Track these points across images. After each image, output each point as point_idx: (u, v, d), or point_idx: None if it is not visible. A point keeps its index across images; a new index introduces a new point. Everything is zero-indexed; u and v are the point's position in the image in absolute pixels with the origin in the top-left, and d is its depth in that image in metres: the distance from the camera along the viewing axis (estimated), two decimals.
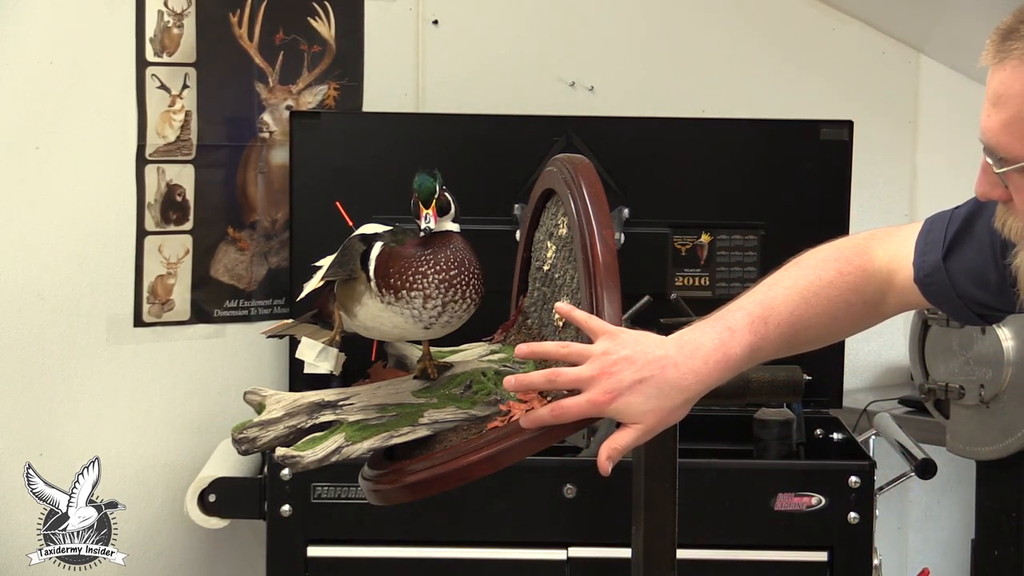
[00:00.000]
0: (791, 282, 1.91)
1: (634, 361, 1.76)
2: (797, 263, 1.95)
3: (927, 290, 1.90)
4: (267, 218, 3.65)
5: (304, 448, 1.84)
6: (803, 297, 1.89)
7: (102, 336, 3.47)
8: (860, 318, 1.95)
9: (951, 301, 1.90)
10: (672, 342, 1.81)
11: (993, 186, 1.64)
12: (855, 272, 1.93)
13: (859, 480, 3.09)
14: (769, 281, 1.92)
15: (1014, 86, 1.56)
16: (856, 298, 1.92)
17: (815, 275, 1.92)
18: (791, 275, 1.93)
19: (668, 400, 1.77)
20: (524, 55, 3.86)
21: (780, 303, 1.88)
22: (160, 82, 3.48)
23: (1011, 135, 1.57)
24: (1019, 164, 1.57)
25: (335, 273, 1.95)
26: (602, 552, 3.12)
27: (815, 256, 1.96)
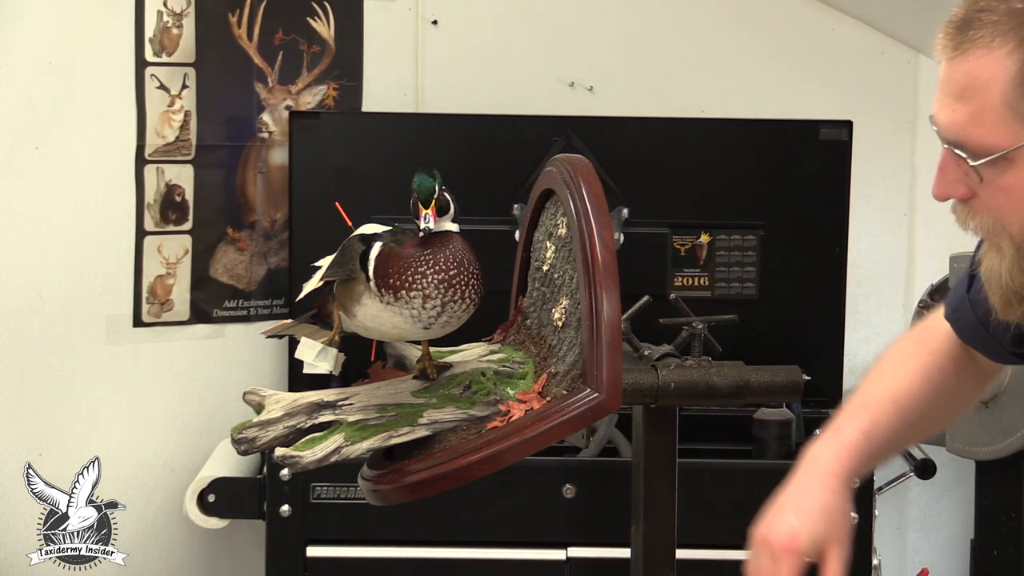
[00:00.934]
0: (878, 372, 1.97)
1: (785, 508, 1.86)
2: (880, 370, 1.99)
3: (956, 326, 1.90)
4: (266, 218, 3.65)
5: (303, 448, 1.84)
6: (892, 372, 1.96)
7: (102, 336, 3.48)
8: (959, 378, 1.96)
9: (979, 335, 1.87)
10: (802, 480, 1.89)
11: (955, 184, 1.61)
12: (929, 334, 1.97)
13: (858, 480, 3.07)
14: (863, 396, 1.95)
15: (982, 75, 1.53)
16: (943, 360, 1.94)
17: (897, 356, 1.98)
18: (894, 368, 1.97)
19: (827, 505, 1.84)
20: (523, 55, 3.86)
21: (872, 389, 1.94)
22: (159, 82, 3.48)
23: (983, 126, 1.54)
24: (997, 154, 1.54)
25: (334, 273, 1.95)
26: (601, 552, 3.13)
27: (896, 355, 2.00)
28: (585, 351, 1.83)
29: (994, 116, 1.53)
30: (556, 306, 1.97)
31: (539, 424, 1.84)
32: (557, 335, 1.94)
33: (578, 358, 1.86)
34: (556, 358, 1.92)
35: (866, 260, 3.95)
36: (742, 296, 3.60)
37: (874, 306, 4.02)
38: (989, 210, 1.60)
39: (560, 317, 1.94)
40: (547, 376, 1.91)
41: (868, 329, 4.02)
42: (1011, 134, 1.53)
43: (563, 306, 1.95)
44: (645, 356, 2.33)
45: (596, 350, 1.81)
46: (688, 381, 2.22)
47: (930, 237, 3.93)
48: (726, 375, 2.25)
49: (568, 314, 1.93)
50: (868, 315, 4.00)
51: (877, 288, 3.99)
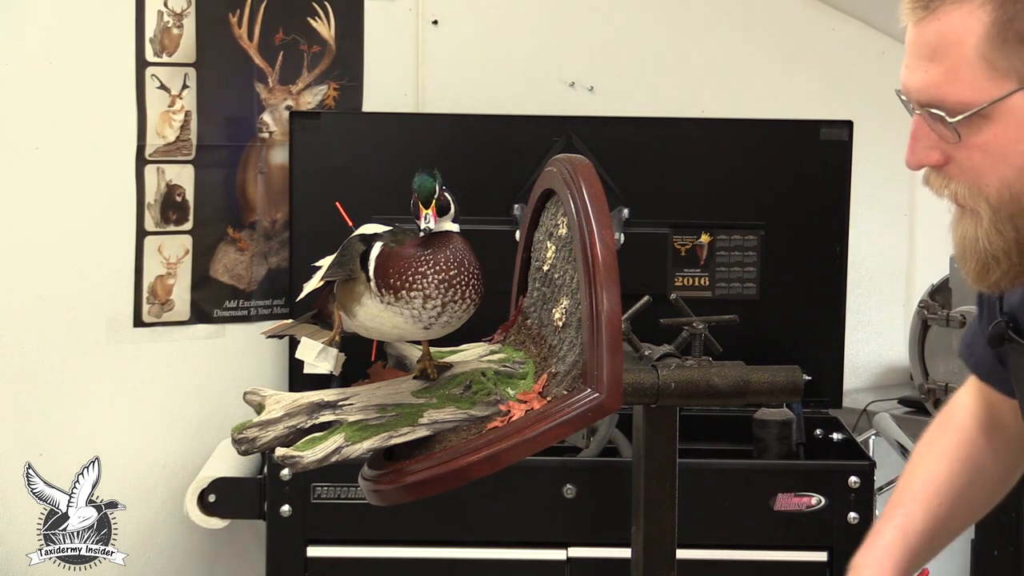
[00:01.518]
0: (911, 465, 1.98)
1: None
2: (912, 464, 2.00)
3: (970, 361, 1.89)
4: (267, 218, 3.66)
5: (304, 448, 1.83)
6: (921, 462, 1.96)
7: (102, 336, 3.48)
8: (993, 451, 1.96)
9: (994, 369, 1.86)
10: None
11: (930, 150, 1.59)
12: (952, 413, 1.96)
13: (859, 480, 3.10)
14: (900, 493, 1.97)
15: (952, 33, 1.51)
16: (971, 434, 1.94)
17: (927, 444, 1.98)
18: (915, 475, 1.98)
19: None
20: (524, 55, 3.86)
21: (906, 484, 1.96)
22: (160, 82, 3.48)
23: (959, 82, 1.51)
24: (975, 108, 1.51)
25: (335, 273, 1.94)
26: (602, 552, 3.13)
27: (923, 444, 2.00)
28: (585, 351, 1.82)
29: (970, 71, 1.50)
30: (556, 306, 1.96)
31: (539, 424, 1.82)
32: (557, 335, 1.93)
33: (578, 358, 1.85)
34: (556, 358, 1.91)
35: (866, 260, 3.96)
36: (742, 296, 3.60)
37: (874, 306, 4.03)
38: (965, 173, 1.57)
39: (560, 317, 1.93)
40: (547, 376, 1.90)
41: (868, 329, 4.04)
42: (988, 88, 1.50)
43: (563, 306, 1.93)
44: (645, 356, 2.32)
45: (596, 350, 1.79)
46: (689, 381, 2.21)
47: (930, 237, 3.93)
48: (727, 375, 2.23)
49: (568, 314, 1.91)
50: (868, 315, 4.01)
51: (877, 288, 4.00)
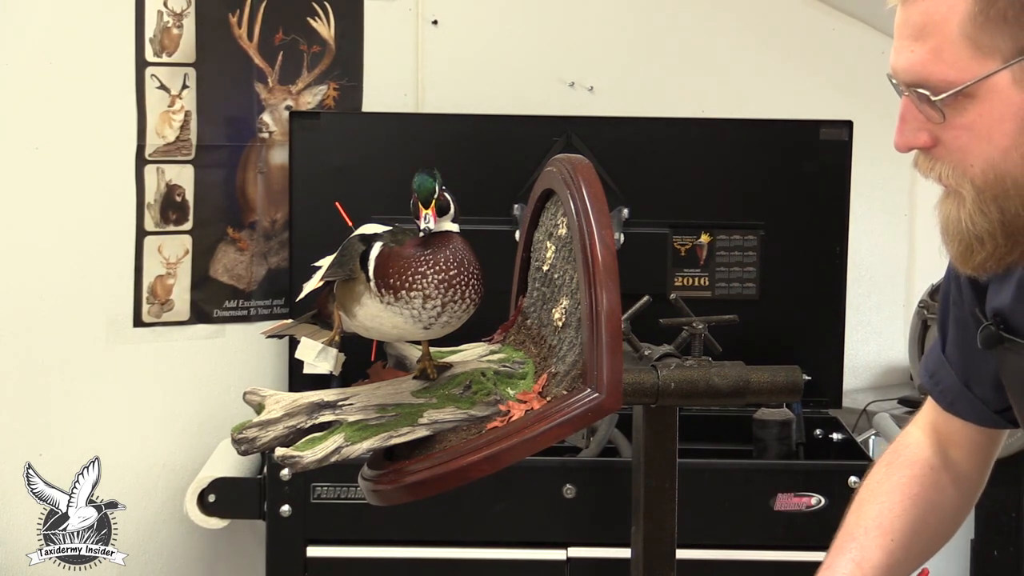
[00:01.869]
0: (859, 501, 1.96)
1: None
2: (860, 500, 1.97)
3: (935, 391, 1.89)
4: (267, 218, 3.66)
5: (304, 448, 1.83)
6: (872, 498, 1.94)
7: (102, 336, 3.48)
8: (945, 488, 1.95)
9: (962, 396, 1.86)
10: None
11: (918, 132, 1.59)
12: (901, 451, 1.96)
13: (859, 480, 3.02)
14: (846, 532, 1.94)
15: (937, 13, 1.51)
16: (920, 470, 1.93)
17: (873, 482, 1.96)
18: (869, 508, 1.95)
19: None
20: (524, 55, 3.86)
21: (857, 520, 1.93)
22: (160, 82, 3.48)
23: (944, 62, 1.52)
24: (958, 88, 1.52)
25: (334, 273, 1.93)
26: (602, 552, 3.13)
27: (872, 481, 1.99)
28: (585, 351, 1.82)
29: (953, 50, 1.51)
30: (556, 306, 1.95)
31: (539, 424, 1.82)
32: (557, 335, 1.93)
33: (578, 358, 1.85)
34: (556, 358, 1.90)
35: (866, 260, 3.96)
36: (742, 296, 3.60)
37: (874, 306, 4.02)
38: (951, 153, 1.57)
39: (560, 317, 1.93)
40: (547, 376, 1.90)
41: (868, 329, 4.04)
42: (972, 67, 1.51)
43: (563, 306, 1.93)
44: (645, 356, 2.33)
45: (596, 350, 1.79)
46: (688, 381, 2.22)
47: (930, 237, 3.88)
48: (726, 375, 2.24)
49: (568, 314, 1.91)
50: (868, 315, 4.01)
51: (877, 288, 4.00)
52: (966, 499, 1.99)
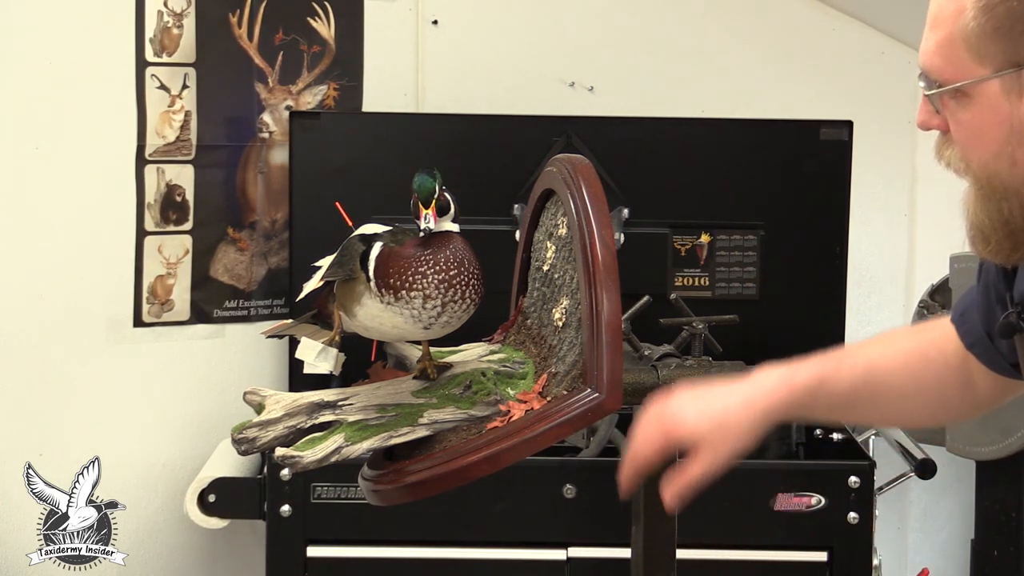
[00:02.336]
0: (866, 340, 1.96)
1: (679, 399, 1.85)
2: (873, 339, 1.98)
3: (961, 329, 1.89)
4: (267, 218, 3.65)
5: (304, 448, 1.85)
6: (878, 343, 1.93)
7: (102, 336, 3.48)
8: (944, 382, 1.92)
9: (983, 342, 1.86)
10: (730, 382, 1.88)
11: (931, 115, 1.62)
12: (937, 328, 1.94)
13: (859, 480, 3.09)
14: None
15: (948, 7, 1.55)
16: (936, 353, 1.91)
17: (895, 329, 1.97)
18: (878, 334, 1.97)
19: (721, 411, 1.83)
20: (524, 55, 3.84)
21: (853, 348, 1.94)
22: (160, 82, 3.48)
23: (943, 57, 1.56)
24: (949, 87, 1.56)
25: (335, 273, 1.95)
26: (602, 552, 3.12)
27: (893, 331, 2.00)
28: (585, 351, 1.83)
29: (954, 48, 1.55)
30: (556, 306, 1.97)
31: (539, 424, 1.84)
32: (557, 335, 1.94)
33: (578, 358, 1.86)
34: (556, 358, 1.92)
35: (866, 260, 3.95)
36: (742, 296, 3.59)
37: (874, 306, 4.01)
38: (957, 144, 1.61)
39: (560, 317, 1.94)
40: (547, 376, 1.91)
41: (868, 329, 4.00)
42: (968, 68, 1.55)
43: (563, 306, 1.95)
44: (645, 356, 2.33)
45: (596, 350, 1.81)
46: (688, 381, 2.18)
47: (930, 237, 3.92)
48: (727, 375, 2.23)
49: (568, 314, 1.93)
50: (868, 315, 4.00)
51: (877, 288, 3.99)
52: (963, 408, 1.99)
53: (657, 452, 1.84)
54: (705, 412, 1.83)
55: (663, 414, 1.84)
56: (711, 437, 1.82)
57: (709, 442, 1.82)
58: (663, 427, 1.83)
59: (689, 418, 1.82)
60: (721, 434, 1.82)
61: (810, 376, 1.87)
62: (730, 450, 1.83)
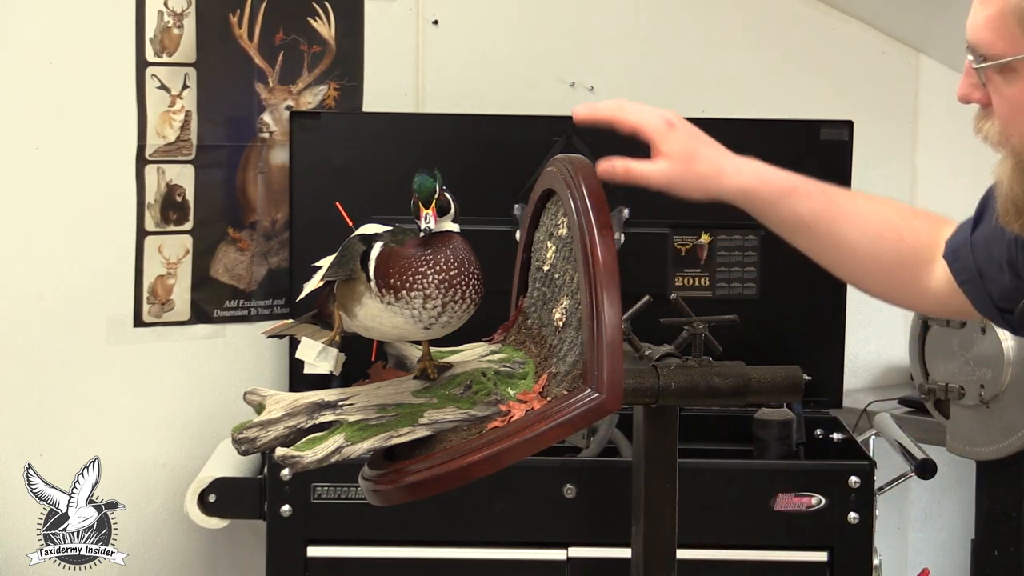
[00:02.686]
0: (870, 195, 1.99)
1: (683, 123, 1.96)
2: (857, 192, 2.02)
3: (953, 267, 1.90)
4: (267, 218, 3.65)
5: (304, 448, 1.84)
6: (866, 199, 1.96)
7: (102, 336, 3.47)
8: (901, 266, 1.95)
9: (974, 283, 1.88)
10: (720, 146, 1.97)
11: (974, 88, 1.65)
12: (926, 221, 1.96)
13: (859, 480, 3.09)
14: None
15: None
16: (912, 239, 1.93)
17: (891, 200, 1.99)
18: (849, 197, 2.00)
19: (703, 149, 1.93)
20: (524, 55, 3.85)
21: (844, 191, 1.98)
22: (160, 82, 3.48)
23: (993, 31, 1.58)
24: (997, 61, 1.58)
25: (335, 273, 1.94)
26: (602, 552, 3.12)
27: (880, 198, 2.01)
28: (586, 351, 1.83)
29: (1005, 23, 1.57)
30: (557, 306, 1.96)
31: (540, 424, 1.83)
32: (558, 335, 1.93)
33: (579, 358, 1.85)
34: (557, 358, 1.91)
35: None
36: (743, 296, 3.60)
37: (875, 306, 3.90)
38: (999, 118, 1.63)
39: (561, 317, 1.94)
40: (548, 376, 1.91)
41: (869, 329, 4.04)
42: (1019, 43, 1.57)
43: (564, 306, 1.94)
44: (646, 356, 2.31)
45: (597, 350, 1.80)
46: (689, 381, 2.21)
47: None
48: (727, 375, 2.23)
49: (569, 314, 1.92)
50: (869, 315, 4.00)
51: None
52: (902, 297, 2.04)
53: (639, 116, 1.93)
54: (691, 137, 1.93)
55: (669, 114, 1.93)
56: (677, 157, 1.91)
57: (671, 156, 1.91)
58: (660, 112, 1.93)
59: (679, 129, 1.92)
60: (684, 164, 1.92)
61: (784, 183, 1.96)
62: (679, 181, 1.93)
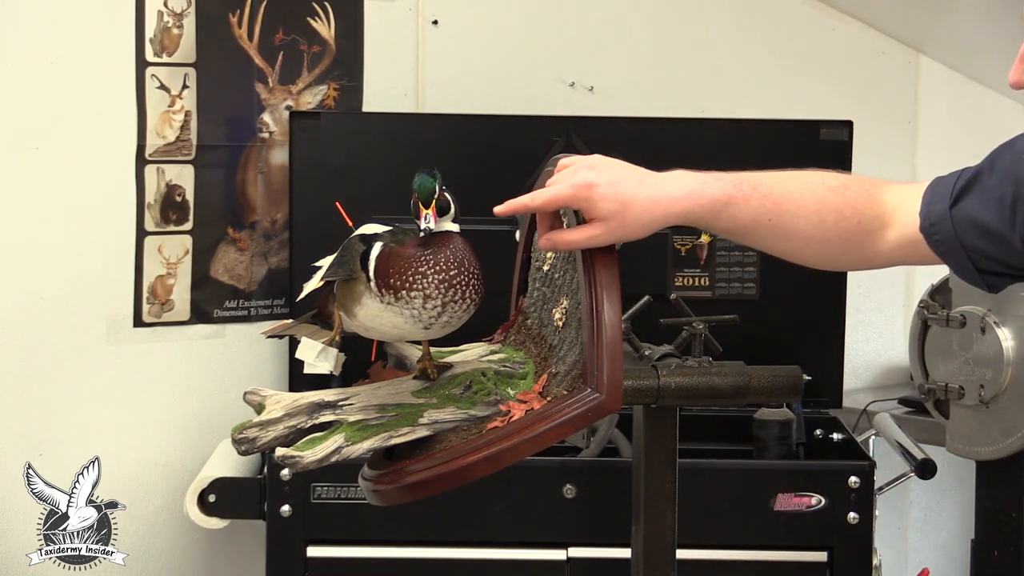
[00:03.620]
0: (791, 172, 1.97)
1: (596, 166, 1.87)
2: (796, 174, 1.99)
3: (932, 239, 1.89)
4: (267, 218, 3.65)
5: (304, 448, 1.84)
6: (798, 185, 1.93)
7: (102, 336, 3.47)
8: (849, 240, 1.93)
9: (954, 251, 1.88)
10: (649, 171, 1.91)
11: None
12: (860, 191, 1.94)
13: (859, 480, 3.09)
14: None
15: None
16: (851, 213, 1.92)
17: (818, 175, 1.96)
18: (794, 171, 1.98)
19: (630, 195, 1.85)
20: (524, 55, 3.85)
21: (774, 179, 1.95)
22: (160, 82, 3.47)
23: None
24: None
25: (335, 273, 1.94)
26: (602, 552, 3.11)
27: (827, 171, 1.99)
28: (586, 351, 1.83)
29: None
30: (556, 306, 1.97)
31: (540, 424, 1.83)
32: (558, 335, 1.94)
33: (579, 358, 1.85)
34: (556, 358, 1.91)
35: None
36: (742, 296, 3.59)
37: (875, 306, 4.02)
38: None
39: (561, 317, 1.94)
40: (547, 376, 1.91)
41: (869, 329, 4.04)
42: None
43: (563, 306, 1.94)
44: (646, 356, 2.33)
45: (597, 350, 1.80)
46: (689, 381, 2.21)
47: None
48: (726, 375, 2.23)
49: (568, 314, 1.92)
50: (869, 315, 4.01)
51: (878, 288, 3.99)
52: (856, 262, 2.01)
53: (554, 204, 1.87)
54: (616, 191, 1.85)
55: (577, 172, 1.86)
56: (611, 217, 1.84)
57: (605, 220, 1.84)
58: (573, 184, 1.85)
59: (600, 191, 1.84)
60: (620, 218, 1.84)
61: (719, 195, 1.91)
62: (620, 236, 1.85)
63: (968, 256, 1.87)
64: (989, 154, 1.88)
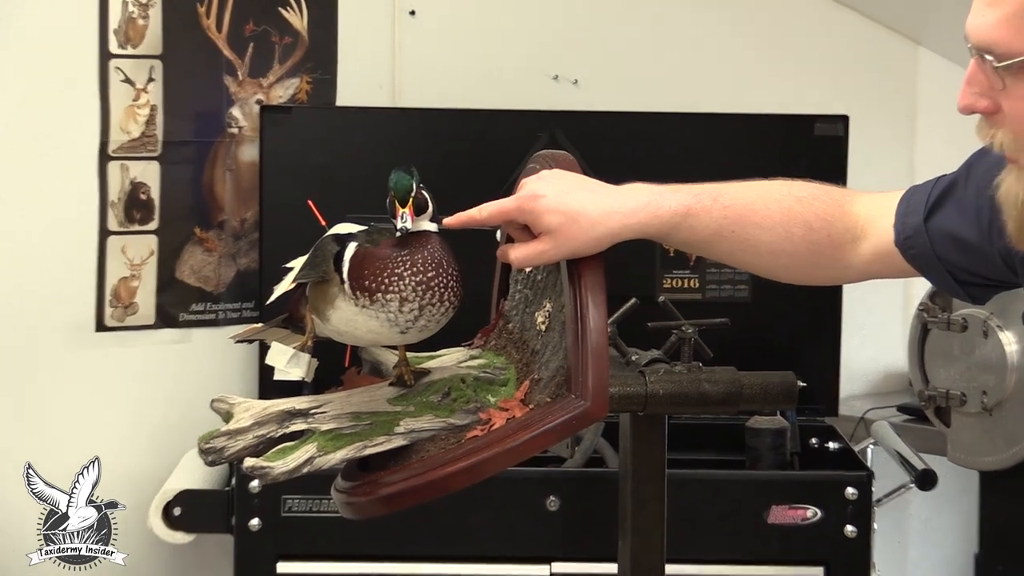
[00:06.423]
0: (757, 182, 1.94)
1: (546, 177, 1.88)
2: (758, 184, 1.97)
3: (908, 253, 1.88)
4: (236, 217, 3.65)
5: (274, 459, 1.83)
6: (762, 195, 1.92)
7: (62, 341, 3.46)
8: (819, 253, 1.92)
9: (932, 264, 1.87)
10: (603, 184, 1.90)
11: (979, 97, 1.60)
12: (829, 202, 1.92)
13: (856, 492, 3.10)
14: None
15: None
16: (820, 225, 1.90)
17: (785, 185, 1.94)
18: (761, 181, 1.95)
19: (578, 207, 1.83)
20: (505, 47, 3.85)
21: (736, 190, 1.92)
22: (124, 75, 3.47)
23: (1011, 28, 1.54)
24: (1020, 58, 1.54)
25: (307, 275, 1.93)
26: (587, 568, 3.11)
27: (793, 181, 1.97)
28: (570, 356, 1.81)
29: (1022, 21, 1.54)
30: (539, 309, 1.95)
31: (522, 433, 1.81)
32: (540, 339, 1.92)
33: (562, 364, 1.84)
34: (539, 364, 1.90)
35: None
36: (734, 299, 3.60)
37: (871, 309, 4.03)
38: (1011, 123, 1.59)
39: (543, 321, 1.92)
40: (530, 383, 1.89)
41: (865, 333, 4.04)
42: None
43: (547, 309, 1.93)
44: (633, 361, 2.35)
45: (581, 355, 1.79)
46: (678, 388, 2.20)
47: None
48: (717, 381, 2.22)
49: (552, 318, 1.91)
50: (865, 319, 4.01)
51: (874, 291, 4.00)
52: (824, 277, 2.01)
53: (499, 216, 1.87)
54: (563, 203, 1.83)
55: (527, 185, 1.87)
56: (558, 230, 1.83)
57: (552, 233, 1.83)
58: (519, 198, 1.85)
59: (546, 202, 1.83)
60: (568, 231, 1.83)
61: (678, 207, 1.88)
62: (570, 250, 1.83)
63: (947, 269, 1.87)
64: (964, 161, 1.86)
